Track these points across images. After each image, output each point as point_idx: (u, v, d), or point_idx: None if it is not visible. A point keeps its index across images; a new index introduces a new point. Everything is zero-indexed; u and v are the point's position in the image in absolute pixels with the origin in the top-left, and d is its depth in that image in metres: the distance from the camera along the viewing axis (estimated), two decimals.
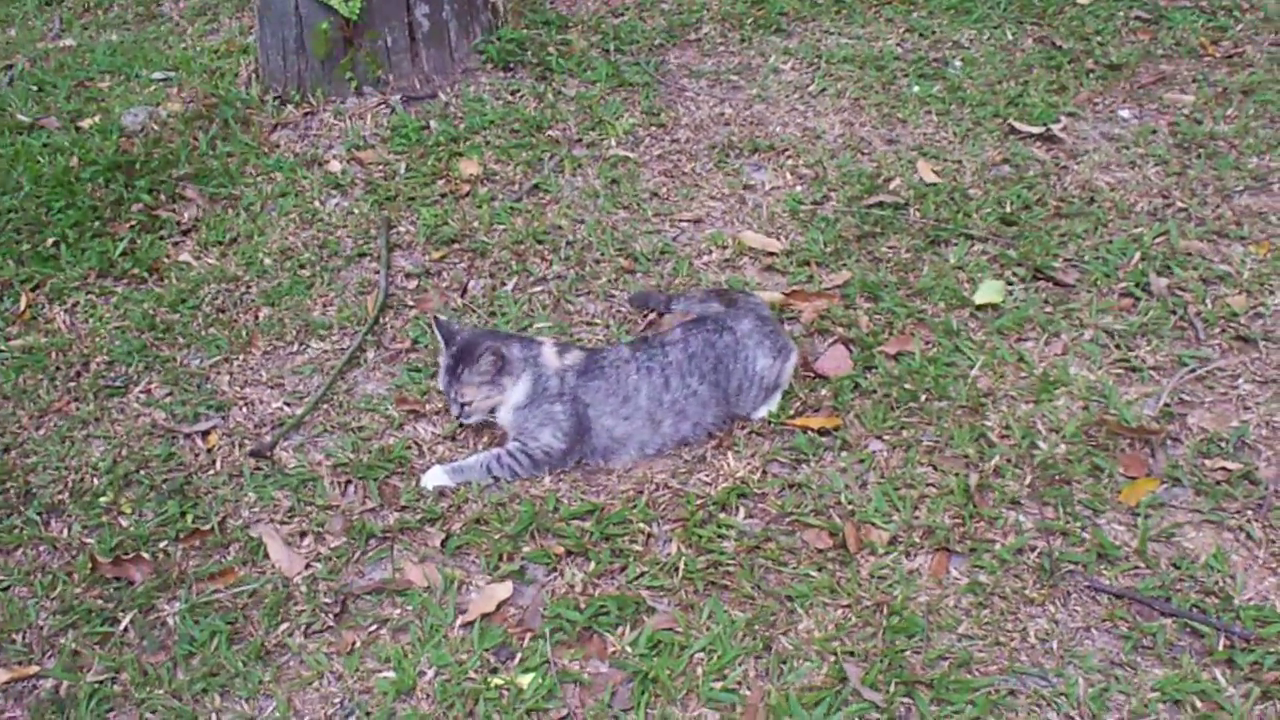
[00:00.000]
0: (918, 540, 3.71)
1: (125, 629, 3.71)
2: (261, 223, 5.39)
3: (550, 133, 5.86)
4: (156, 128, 6.07)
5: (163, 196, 5.62)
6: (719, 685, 3.35)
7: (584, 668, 3.46)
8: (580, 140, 5.81)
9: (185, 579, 3.83)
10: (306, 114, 6.14)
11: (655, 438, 4.07)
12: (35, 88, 6.78)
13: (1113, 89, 5.88)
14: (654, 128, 5.86)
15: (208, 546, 3.93)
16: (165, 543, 3.96)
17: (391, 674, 3.47)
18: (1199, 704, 3.22)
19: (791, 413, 4.16)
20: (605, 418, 4.04)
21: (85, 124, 6.21)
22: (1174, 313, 4.44)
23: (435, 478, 4.03)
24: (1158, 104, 5.69)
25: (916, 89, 5.98)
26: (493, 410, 4.07)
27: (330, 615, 3.67)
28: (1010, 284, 4.62)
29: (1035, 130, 5.51)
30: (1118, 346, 4.31)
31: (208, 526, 3.97)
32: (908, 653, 3.40)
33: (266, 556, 3.86)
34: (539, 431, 4.02)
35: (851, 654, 3.41)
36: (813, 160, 5.47)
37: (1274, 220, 4.87)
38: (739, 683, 3.36)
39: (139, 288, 5.10)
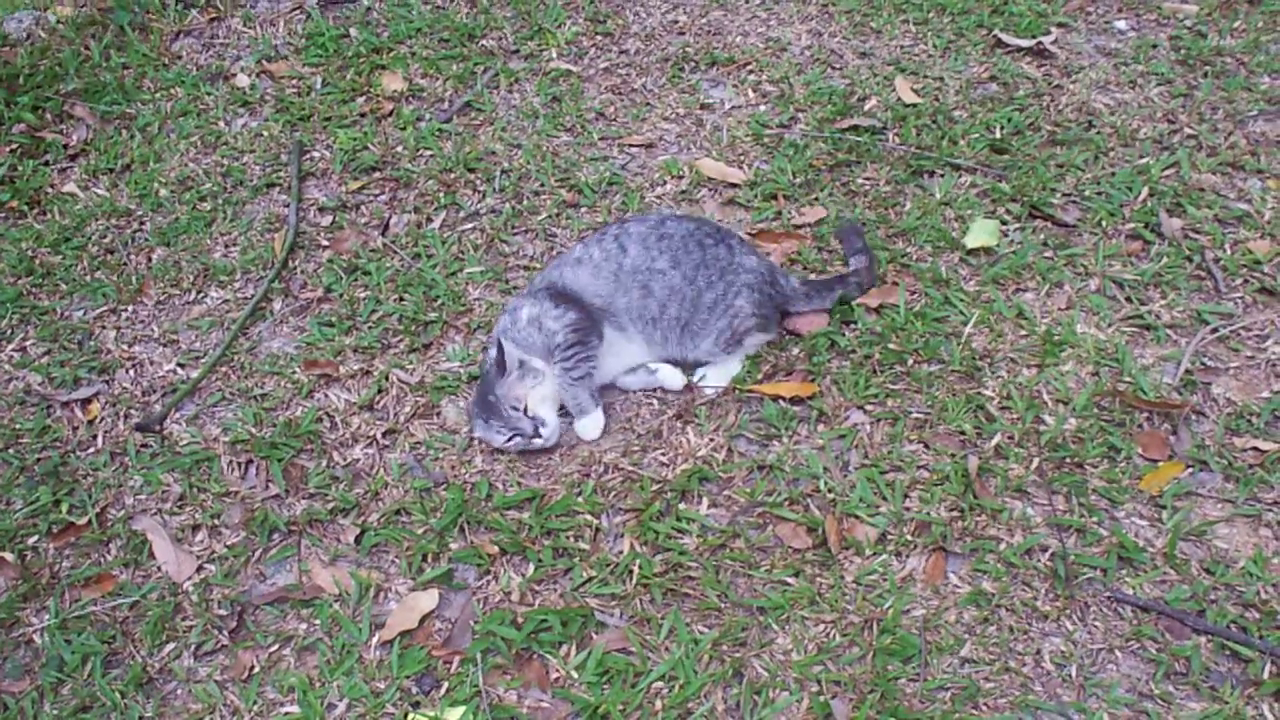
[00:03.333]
0: (910, 538, 3.22)
1: None
2: (158, 146, 4.82)
3: (484, 42, 5.31)
4: (43, 35, 5.47)
5: (48, 115, 5.04)
6: None
7: (522, 699, 2.98)
8: (517, 51, 5.25)
9: (56, 585, 3.32)
10: (212, 20, 5.58)
11: (622, 299, 3.61)
12: None
13: None
14: (600, 37, 5.29)
15: (84, 544, 3.44)
16: (35, 539, 3.46)
17: (295, 708, 2.99)
18: None
19: (760, 376, 3.65)
20: (567, 274, 3.65)
21: None
22: (1189, 259, 3.94)
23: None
24: (1156, 14, 5.15)
25: None
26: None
27: (224, 632, 3.19)
28: (1004, 224, 4.10)
29: (1024, 43, 4.96)
30: (1128, 299, 3.81)
31: (85, 519, 3.46)
32: (902, 681, 2.93)
33: (152, 557, 3.38)
34: (546, 342, 3.56)
35: (837, 683, 2.94)
36: (777, 75, 4.90)
37: None
38: None
39: (17, 223, 4.55)
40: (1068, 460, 3.37)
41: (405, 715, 2.93)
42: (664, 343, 3.63)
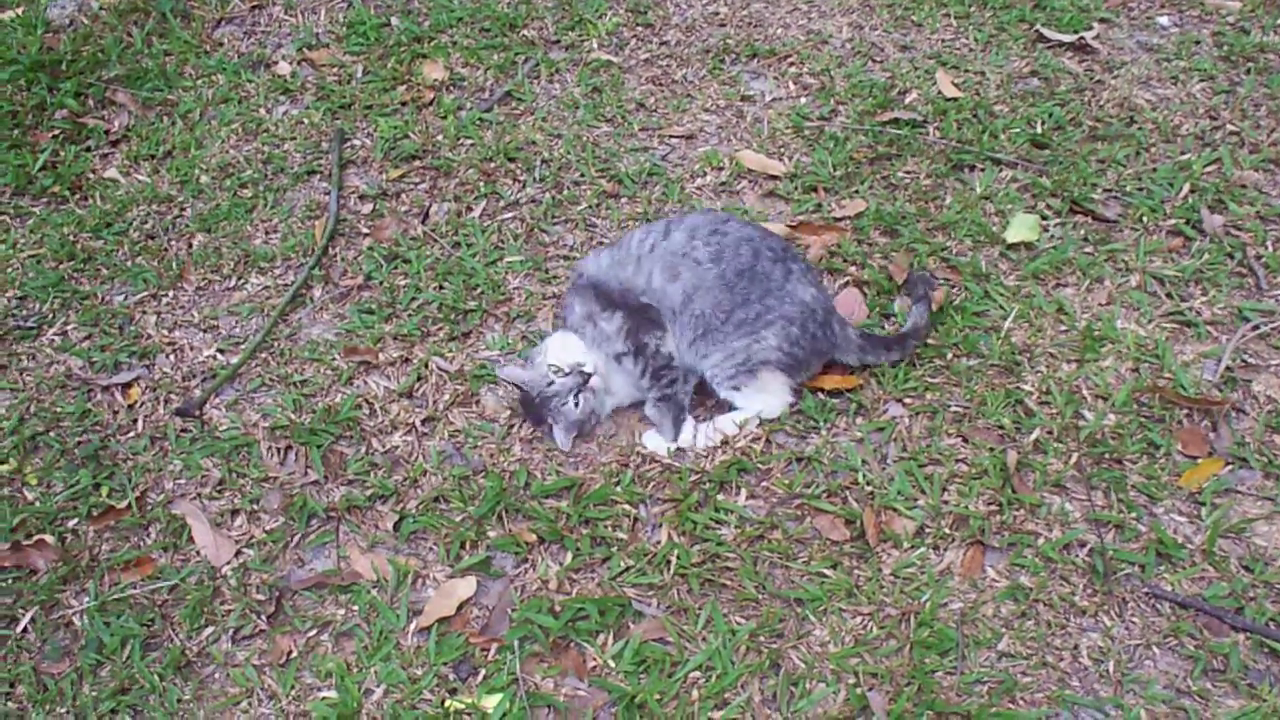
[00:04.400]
0: (947, 531, 3.21)
1: (24, 630, 3.23)
2: (200, 133, 4.82)
3: (525, 32, 5.28)
4: (86, 21, 5.45)
5: (90, 102, 5.04)
6: (719, 715, 2.85)
7: (559, 687, 2.98)
8: (558, 41, 5.23)
9: (96, 568, 3.33)
10: (254, 7, 5.56)
11: (649, 292, 3.53)
12: None
13: None
14: (640, 28, 5.26)
15: (123, 528, 3.44)
16: (75, 522, 3.47)
17: (333, 693, 2.98)
18: None
19: None
20: (605, 269, 3.60)
21: (5, 15, 5.56)
22: (1231, 256, 3.91)
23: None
24: (1199, 10, 5.11)
25: None
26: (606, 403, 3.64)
27: (263, 616, 3.19)
28: (1045, 219, 4.07)
29: (1066, 38, 4.92)
30: (1169, 296, 3.78)
31: (124, 503, 3.47)
32: (939, 674, 2.93)
33: (191, 541, 3.38)
34: (597, 334, 3.57)
35: (874, 675, 2.93)
36: (818, 68, 4.88)
37: None
38: (742, 710, 2.86)
39: (59, 208, 4.54)
40: (1107, 456, 3.35)
41: (442, 702, 2.93)
42: (679, 337, 3.53)
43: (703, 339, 3.48)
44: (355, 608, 3.18)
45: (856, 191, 4.25)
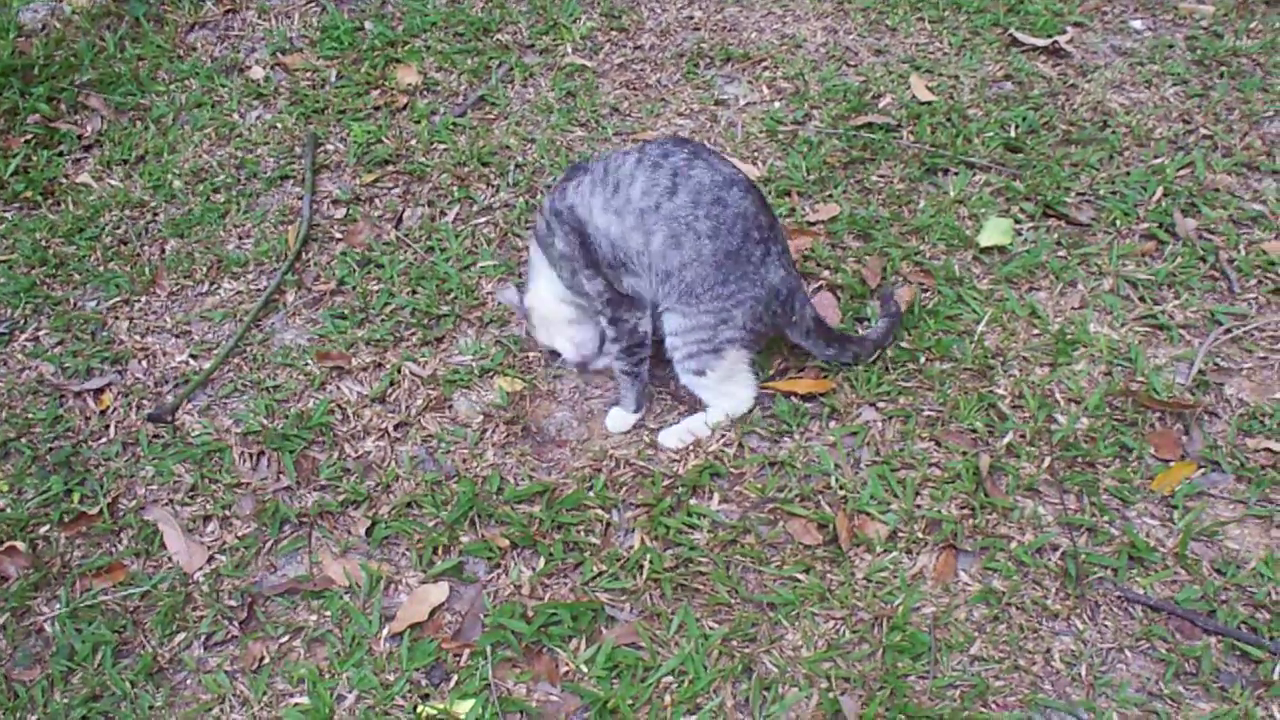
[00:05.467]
0: (920, 535, 3.21)
1: None
2: (173, 138, 4.81)
3: (499, 37, 5.28)
4: (58, 25, 5.43)
5: (63, 106, 5.02)
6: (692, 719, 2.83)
7: (531, 693, 2.98)
8: (532, 46, 5.24)
9: (68, 574, 3.32)
10: (228, 11, 5.55)
11: (646, 253, 3.34)
12: None
13: None
14: (615, 32, 5.27)
15: (95, 534, 3.43)
16: (46, 528, 3.46)
17: (305, 699, 2.98)
18: None
19: (772, 373, 3.63)
20: (597, 215, 3.36)
21: None
22: (1203, 259, 3.92)
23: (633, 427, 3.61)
24: (1173, 14, 5.13)
25: None
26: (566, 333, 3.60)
27: (235, 623, 3.18)
28: (1018, 222, 4.08)
29: (1039, 42, 4.94)
30: (1142, 299, 3.79)
31: (96, 509, 3.45)
32: (911, 678, 2.92)
33: (163, 547, 3.37)
34: (573, 283, 3.48)
35: (846, 680, 2.93)
36: (792, 72, 4.89)
37: None
38: (715, 715, 2.86)
39: (31, 213, 4.53)
40: (1079, 459, 3.35)
41: (414, 707, 2.93)
42: (656, 289, 3.42)
43: (678, 301, 3.37)
44: (327, 613, 3.17)
45: (830, 195, 4.26)
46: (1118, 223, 4.05)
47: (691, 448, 3.47)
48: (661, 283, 3.36)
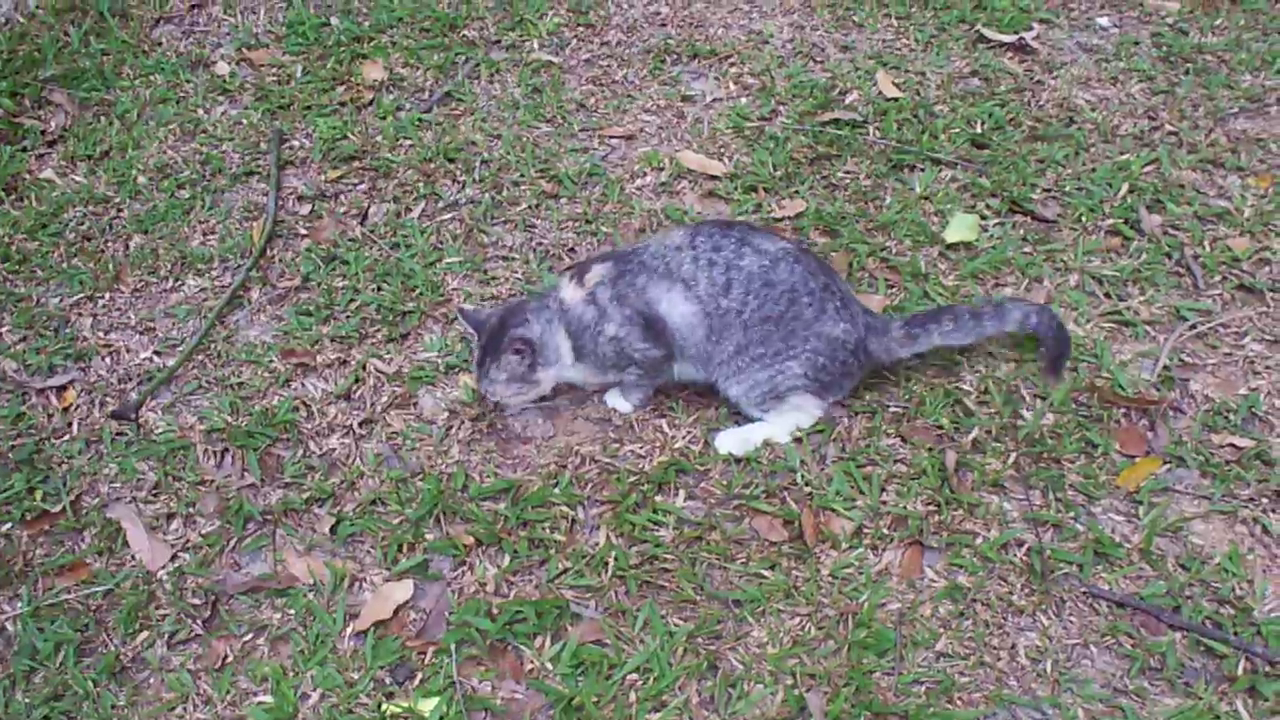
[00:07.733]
0: (886, 531, 3.21)
1: None
2: (137, 134, 4.78)
3: (465, 32, 5.27)
4: (22, 20, 5.40)
5: (26, 101, 4.98)
6: (656, 717, 2.84)
7: (496, 690, 2.96)
8: (499, 41, 5.22)
9: (30, 573, 3.29)
10: (193, 7, 5.53)
11: (707, 345, 3.42)
12: None
13: None
14: (581, 28, 5.26)
15: (57, 532, 3.40)
16: (8, 526, 3.43)
17: (269, 697, 2.96)
18: None
19: None
20: (662, 303, 3.40)
21: None
22: (1169, 255, 3.94)
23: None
24: (1139, 11, 5.15)
25: None
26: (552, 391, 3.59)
27: (198, 621, 3.16)
28: (984, 219, 4.09)
29: (1006, 38, 4.95)
30: (1107, 295, 3.80)
31: (59, 507, 3.43)
32: (877, 674, 2.92)
33: (126, 545, 3.34)
34: (620, 361, 3.49)
35: (812, 676, 2.92)
36: (759, 68, 4.89)
37: (1274, 148, 4.37)
38: (680, 712, 2.85)
39: None
40: (1045, 455, 3.36)
41: (379, 705, 2.91)
42: (704, 369, 3.49)
43: (724, 367, 3.43)
44: (291, 612, 3.15)
45: (797, 192, 4.26)
46: (1083, 219, 4.06)
47: (657, 445, 3.45)
48: (704, 364, 3.44)
